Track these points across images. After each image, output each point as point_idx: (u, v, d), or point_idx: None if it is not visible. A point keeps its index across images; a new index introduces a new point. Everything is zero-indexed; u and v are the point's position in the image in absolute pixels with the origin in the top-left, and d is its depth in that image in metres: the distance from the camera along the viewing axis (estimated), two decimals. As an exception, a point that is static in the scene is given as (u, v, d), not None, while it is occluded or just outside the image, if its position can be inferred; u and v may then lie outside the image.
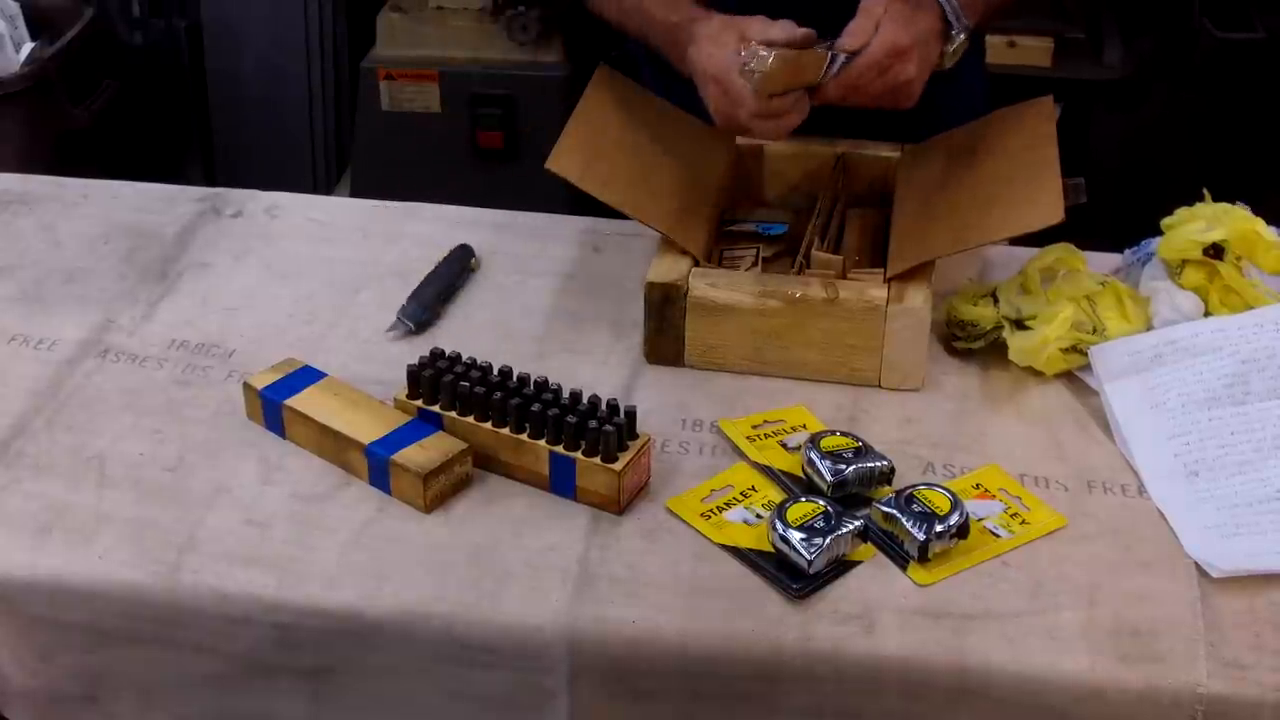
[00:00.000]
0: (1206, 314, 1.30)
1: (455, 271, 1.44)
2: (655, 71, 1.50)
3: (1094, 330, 1.28)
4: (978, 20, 1.37)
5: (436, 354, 1.22)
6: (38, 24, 2.75)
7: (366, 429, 1.17)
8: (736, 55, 1.27)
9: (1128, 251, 1.41)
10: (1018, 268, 1.35)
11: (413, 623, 1.06)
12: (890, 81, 1.29)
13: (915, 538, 1.08)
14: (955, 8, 1.33)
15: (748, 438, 1.22)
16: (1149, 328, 1.29)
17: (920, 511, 1.09)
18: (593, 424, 1.13)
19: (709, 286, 1.28)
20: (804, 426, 1.23)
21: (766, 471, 1.18)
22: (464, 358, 1.21)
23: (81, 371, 1.31)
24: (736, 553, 1.10)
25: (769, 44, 1.25)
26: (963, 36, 1.35)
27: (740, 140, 1.47)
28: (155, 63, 3.10)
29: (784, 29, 1.29)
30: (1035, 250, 1.36)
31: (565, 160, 1.29)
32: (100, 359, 1.33)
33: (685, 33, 1.36)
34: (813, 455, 1.16)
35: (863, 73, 1.28)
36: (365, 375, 1.28)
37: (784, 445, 1.21)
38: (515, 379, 1.19)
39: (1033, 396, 1.28)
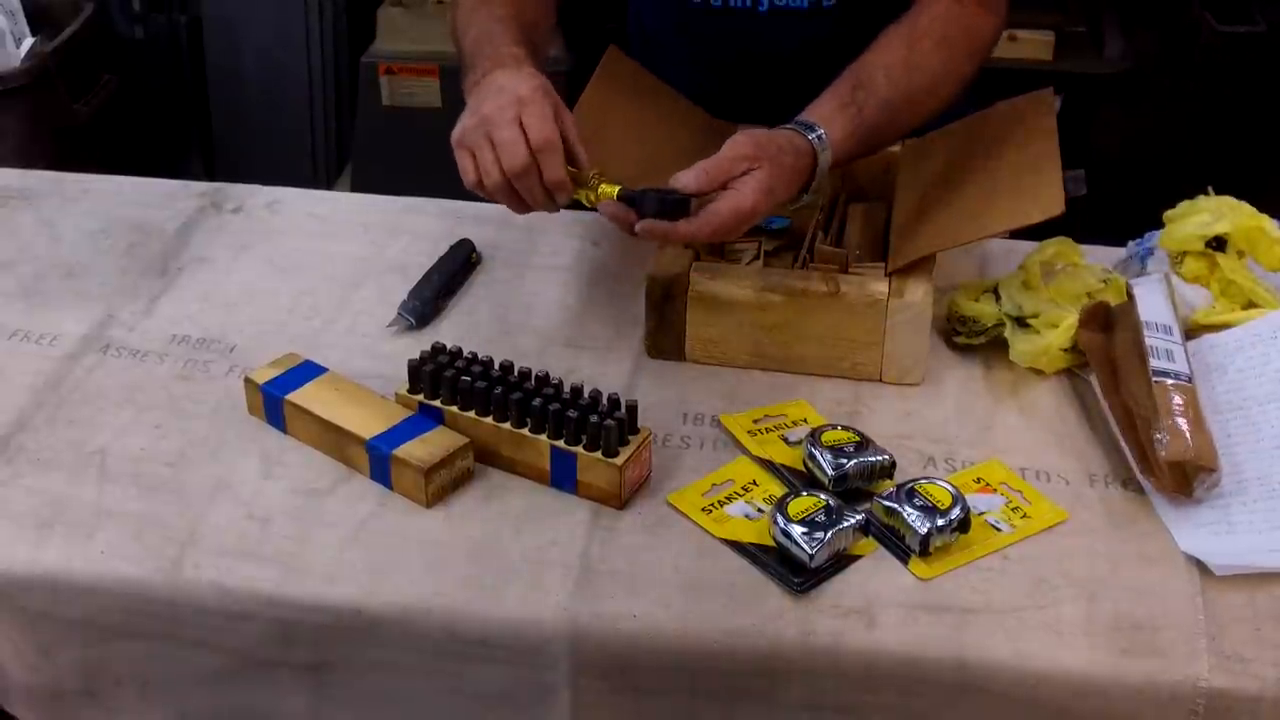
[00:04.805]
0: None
1: (456, 266, 1.44)
2: (650, 63, 1.50)
3: (1095, 325, 1.28)
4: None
5: (437, 349, 1.22)
6: (38, 19, 2.75)
7: (367, 424, 1.17)
8: (551, 101, 1.21)
9: (1131, 244, 1.41)
10: (1018, 261, 1.35)
11: (413, 618, 1.06)
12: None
13: (916, 532, 1.08)
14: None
15: (749, 432, 1.22)
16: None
17: (921, 505, 1.09)
18: (594, 419, 1.13)
19: (710, 280, 1.28)
20: (805, 421, 1.23)
21: (768, 466, 1.18)
22: (465, 353, 1.21)
23: (82, 367, 1.31)
24: (737, 547, 1.10)
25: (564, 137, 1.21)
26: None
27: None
28: (155, 58, 3.10)
29: (579, 140, 1.22)
30: (1035, 244, 1.36)
31: None
32: (101, 354, 1.33)
33: (509, 58, 1.27)
34: (814, 449, 1.16)
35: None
36: (366, 370, 1.28)
37: (785, 439, 1.21)
38: (516, 374, 1.19)
39: (1034, 391, 1.28)
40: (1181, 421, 1.13)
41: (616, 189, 1.23)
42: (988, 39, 1.36)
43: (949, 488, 1.11)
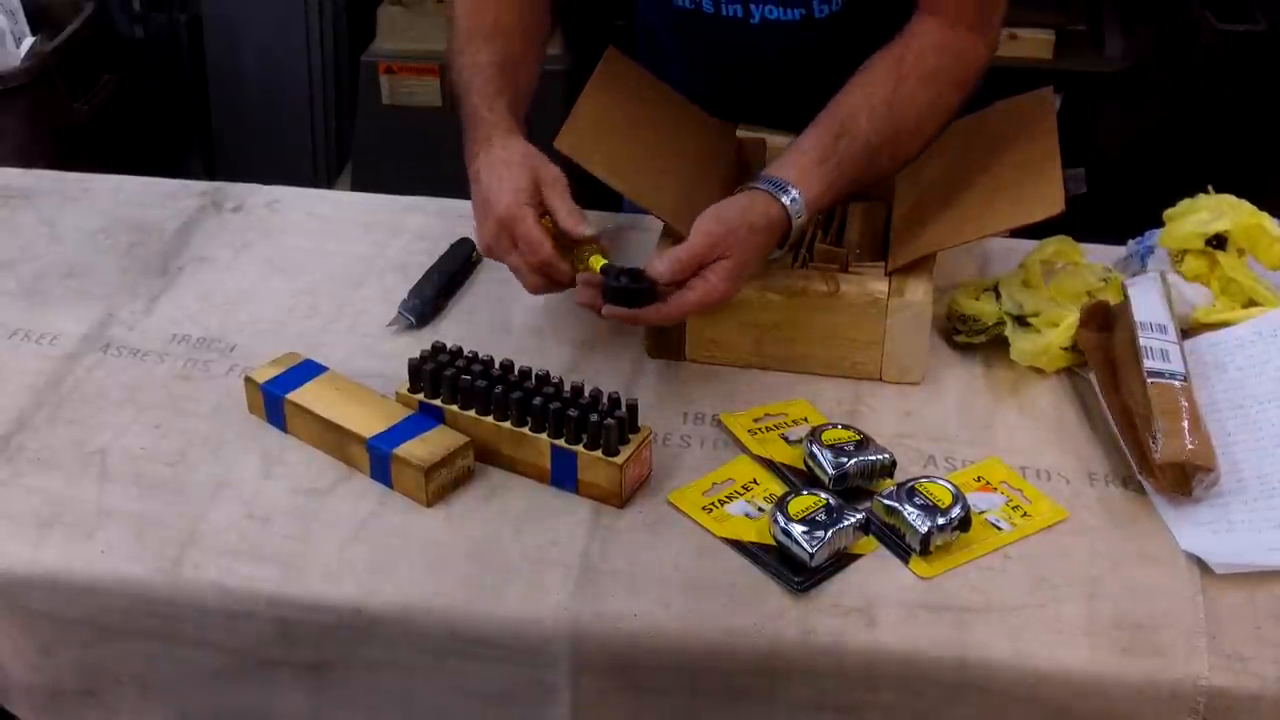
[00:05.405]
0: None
1: (456, 265, 1.44)
2: (651, 61, 1.50)
3: (1096, 325, 1.28)
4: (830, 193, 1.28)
5: (438, 348, 1.22)
6: (38, 19, 2.75)
7: (368, 423, 1.17)
8: (527, 198, 1.22)
9: (1131, 243, 1.41)
10: (1018, 260, 1.35)
11: (414, 617, 1.06)
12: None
13: (917, 530, 1.08)
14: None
15: (749, 431, 1.22)
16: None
17: (922, 504, 1.09)
18: (594, 418, 1.13)
19: (710, 280, 1.27)
20: (805, 420, 1.23)
21: (768, 465, 1.18)
22: (465, 352, 1.21)
23: (83, 366, 1.31)
24: (738, 546, 1.10)
25: (551, 207, 1.23)
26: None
27: (741, 132, 1.47)
28: (156, 57, 3.10)
29: (572, 212, 1.23)
30: (1036, 242, 1.36)
31: (573, 140, 1.27)
32: (101, 354, 1.33)
33: (484, 134, 1.29)
34: (814, 448, 1.16)
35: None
36: (366, 369, 1.28)
37: (785, 438, 1.21)
38: (517, 373, 1.19)
39: (1034, 390, 1.28)
40: (1178, 422, 1.13)
41: (602, 262, 1.23)
42: (979, 64, 1.35)
43: (949, 486, 1.11)
